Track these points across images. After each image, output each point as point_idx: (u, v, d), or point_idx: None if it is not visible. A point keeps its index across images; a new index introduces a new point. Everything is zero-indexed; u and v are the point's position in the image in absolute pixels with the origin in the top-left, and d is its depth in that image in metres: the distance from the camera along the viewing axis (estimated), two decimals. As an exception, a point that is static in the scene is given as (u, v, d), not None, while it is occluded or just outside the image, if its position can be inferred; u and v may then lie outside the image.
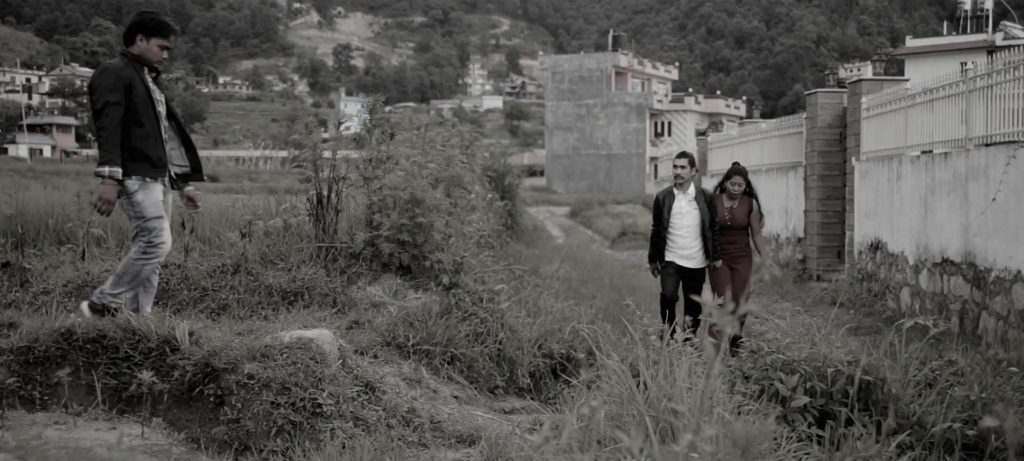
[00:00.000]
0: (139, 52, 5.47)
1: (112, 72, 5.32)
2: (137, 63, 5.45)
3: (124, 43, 5.54)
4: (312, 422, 4.61)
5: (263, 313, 6.10)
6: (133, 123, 5.35)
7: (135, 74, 5.39)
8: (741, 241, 8.41)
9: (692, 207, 8.10)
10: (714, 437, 2.86)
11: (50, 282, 6.38)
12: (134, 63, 5.44)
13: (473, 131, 13.36)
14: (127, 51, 5.48)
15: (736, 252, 8.38)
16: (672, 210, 8.12)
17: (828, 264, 14.16)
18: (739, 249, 8.40)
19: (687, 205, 8.12)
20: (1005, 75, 8.50)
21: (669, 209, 8.13)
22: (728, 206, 8.42)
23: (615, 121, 59.20)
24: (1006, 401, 5.12)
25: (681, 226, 8.09)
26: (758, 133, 18.25)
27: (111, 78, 5.30)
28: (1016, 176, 7.99)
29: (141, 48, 5.47)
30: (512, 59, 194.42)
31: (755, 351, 5.16)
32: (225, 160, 73.65)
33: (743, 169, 8.52)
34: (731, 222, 8.35)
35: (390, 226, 6.60)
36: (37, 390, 4.82)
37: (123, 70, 5.35)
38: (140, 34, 5.46)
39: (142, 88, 5.40)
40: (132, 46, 5.48)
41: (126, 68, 5.37)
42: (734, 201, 8.42)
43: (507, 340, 6.60)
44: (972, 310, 8.87)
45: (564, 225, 29.75)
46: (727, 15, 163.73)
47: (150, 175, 5.40)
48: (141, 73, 5.45)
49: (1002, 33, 39.54)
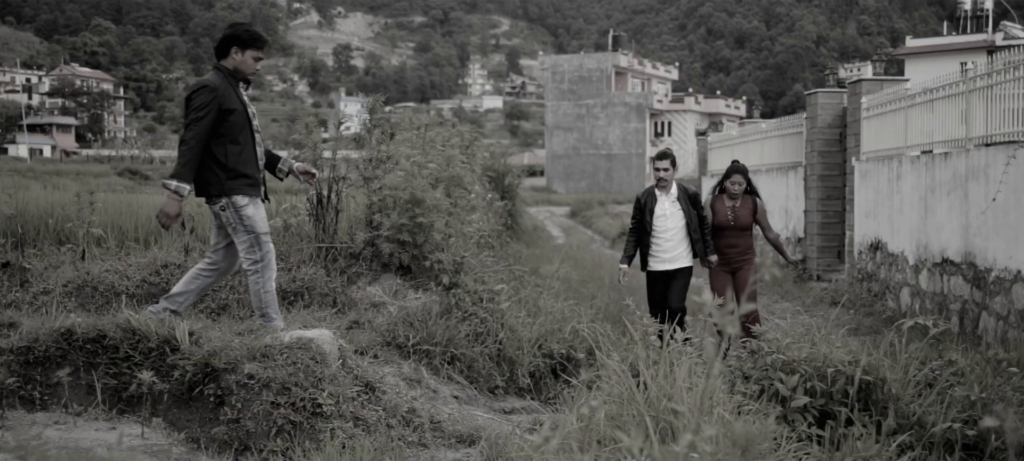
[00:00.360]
0: (234, 65, 5.43)
1: (209, 89, 5.26)
2: (232, 77, 5.42)
3: (217, 56, 5.48)
4: (312, 422, 4.61)
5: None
6: (230, 141, 5.31)
7: (231, 89, 5.37)
8: (743, 243, 7.98)
9: (675, 208, 7.64)
10: (714, 437, 2.86)
11: (50, 282, 6.38)
12: (229, 78, 5.41)
13: (473, 131, 13.35)
14: (221, 65, 5.44)
15: (738, 255, 7.96)
16: (655, 213, 7.65)
17: (828, 264, 14.16)
18: (741, 252, 7.97)
19: (670, 207, 7.64)
20: (1005, 75, 8.50)
21: (651, 212, 7.66)
22: (730, 206, 7.98)
23: (615, 121, 59.20)
24: (1006, 401, 5.12)
25: (664, 230, 7.62)
26: (758, 133, 18.25)
27: (207, 95, 5.24)
28: (1016, 176, 7.99)
29: (236, 61, 5.42)
30: (512, 59, 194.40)
31: (755, 351, 5.16)
32: (225, 160, 73.49)
33: (743, 167, 8.11)
34: (734, 223, 7.92)
35: (390, 226, 6.60)
36: (37, 390, 4.82)
37: (220, 87, 5.30)
38: (235, 47, 5.41)
39: (239, 104, 5.38)
40: (226, 59, 5.43)
41: (223, 84, 5.33)
42: (735, 201, 7.98)
43: (507, 340, 6.60)
44: (972, 310, 8.87)
45: (564, 225, 29.75)
46: (727, 15, 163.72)
47: (251, 193, 5.40)
48: (237, 88, 5.43)
49: (1002, 33, 39.54)
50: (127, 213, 8.51)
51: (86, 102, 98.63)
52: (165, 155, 67.31)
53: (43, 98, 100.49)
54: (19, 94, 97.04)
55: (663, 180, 7.64)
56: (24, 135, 77.43)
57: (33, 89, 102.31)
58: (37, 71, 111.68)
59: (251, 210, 5.37)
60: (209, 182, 5.35)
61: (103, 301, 6.16)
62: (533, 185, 53.79)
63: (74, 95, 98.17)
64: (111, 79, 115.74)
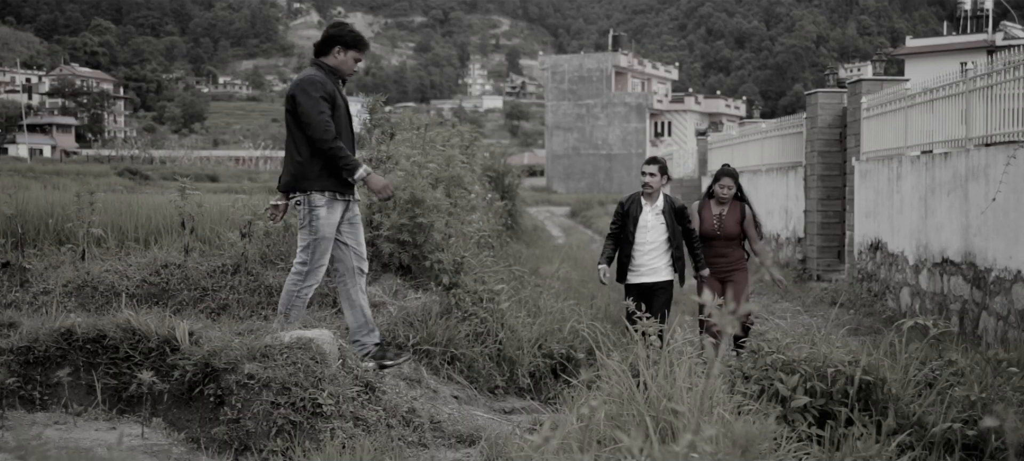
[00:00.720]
0: (336, 64, 5.42)
1: (319, 84, 5.25)
2: (332, 75, 5.40)
3: (317, 54, 5.47)
4: (312, 422, 4.61)
5: (263, 313, 6.10)
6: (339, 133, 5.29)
7: (335, 88, 5.35)
8: (733, 253, 7.43)
9: (658, 221, 7.05)
10: (714, 437, 2.86)
11: (50, 282, 6.38)
12: (330, 75, 5.39)
13: (473, 131, 13.37)
14: (322, 62, 5.43)
15: (727, 266, 7.42)
16: (637, 223, 7.07)
17: (828, 264, 14.16)
18: (731, 262, 7.44)
19: (653, 219, 7.05)
20: (1005, 75, 8.50)
21: (635, 221, 7.09)
22: (716, 213, 7.41)
23: (615, 121, 59.21)
24: (1006, 401, 5.12)
25: (644, 243, 7.04)
26: (758, 133, 18.25)
27: (320, 90, 5.22)
28: (1016, 176, 7.99)
29: (338, 60, 5.42)
30: (512, 59, 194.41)
31: (755, 351, 5.16)
32: (225, 160, 73.66)
33: (733, 171, 7.53)
34: (720, 232, 7.37)
35: (390, 226, 6.60)
36: (37, 390, 4.82)
37: (326, 83, 5.29)
38: (338, 46, 5.40)
39: (342, 102, 5.38)
40: (328, 57, 5.42)
41: (327, 81, 5.32)
42: (723, 207, 7.42)
43: (507, 340, 6.61)
44: (972, 310, 8.87)
45: (564, 225, 29.74)
46: (727, 15, 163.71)
47: (340, 192, 5.34)
48: (338, 86, 5.41)
49: (1002, 33, 39.55)
50: (127, 213, 8.51)
51: (86, 102, 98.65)
52: (165, 155, 67.26)
53: (43, 98, 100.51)
54: (19, 94, 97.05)
55: (649, 186, 7.06)
56: (24, 135, 77.43)
57: (33, 89, 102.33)
58: (37, 71, 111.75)
59: (324, 212, 5.29)
60: (296, 176, 5.30)
61: (103, 301, 6.16)
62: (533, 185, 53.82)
63: (74, 95, 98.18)
64: (111, 79, 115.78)
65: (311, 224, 5.30)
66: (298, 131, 5.28)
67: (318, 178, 5.26)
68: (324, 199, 5.28)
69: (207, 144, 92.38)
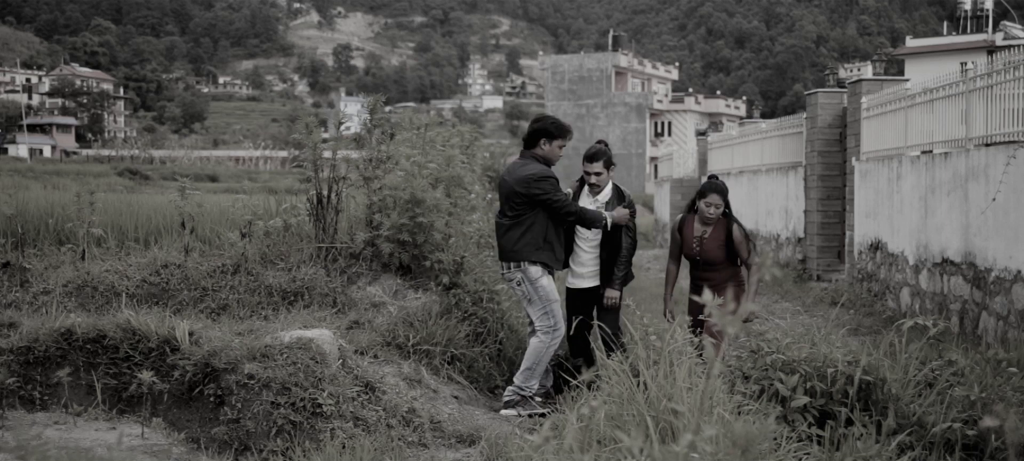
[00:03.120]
0: (544, 154, 6.10)
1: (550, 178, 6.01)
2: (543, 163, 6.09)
3: (526, 146, 6.15)
4: (312, 422, 4.61)
5: (263, 313, 6.10)
6: (552, 219, 6.02)
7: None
8: (717, 277, 6.15)
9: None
10: (714, 437, 2.87)
11: (50, 282, 6.38)
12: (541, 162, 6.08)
13: (473, 131, 13.33)
14: (533, 153, 6.10)
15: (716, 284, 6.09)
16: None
17: (828, 264, 14.16)
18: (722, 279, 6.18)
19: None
20: (1005, 75, 8.50)
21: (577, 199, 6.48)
22: (698, 234, 6.19)
23: (615, 121, 59.22)
24: (1006, 401, 5.12)
25: (585, 236, 6.35)
26: (758, 133, 18.25)
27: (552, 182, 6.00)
28: (1016, 176, 7.99)
29: (546, 150, 6.10)
30: (512, 59, 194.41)
31: (755, 351, 5.16)
32: (225, 160, 73.64)
33: (722, 186, 6.21)
34: (700, 257, 6.18)
35: (390, 226, 6.60)
36: (37, 390, 4.83)
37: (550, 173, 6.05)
38: (544, 138, 6.10)
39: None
40: (536, 148, 6.10)
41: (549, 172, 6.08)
42: (707, 227, 6.16)
43: (507, 340, 6.61)
44: (972, 310, 8.87)
45: (564, 225, 29.74)
46: (727, 15, 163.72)
47: (553, 266, 6.06)
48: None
49: (1002, 33, 39.54)
50: (127, 213, 8.51)
51: (86, 102, 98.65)
52: (165, 155, 67.25)
53: (43, 98, 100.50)
54: (19, 94, 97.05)
55: (595, 186, 6.42)
56: (24, 135, 77.39)
57: (33, 89, 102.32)
58: (37, 71, 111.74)
59: (545, 281, 6.00)
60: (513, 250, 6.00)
61: (103, 301, 6.16)
62: (533, 185, 53.74)
63: (74, 95, 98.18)
64: (111, 79, 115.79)
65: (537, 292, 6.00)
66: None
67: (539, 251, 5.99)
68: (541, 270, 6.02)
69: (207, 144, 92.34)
